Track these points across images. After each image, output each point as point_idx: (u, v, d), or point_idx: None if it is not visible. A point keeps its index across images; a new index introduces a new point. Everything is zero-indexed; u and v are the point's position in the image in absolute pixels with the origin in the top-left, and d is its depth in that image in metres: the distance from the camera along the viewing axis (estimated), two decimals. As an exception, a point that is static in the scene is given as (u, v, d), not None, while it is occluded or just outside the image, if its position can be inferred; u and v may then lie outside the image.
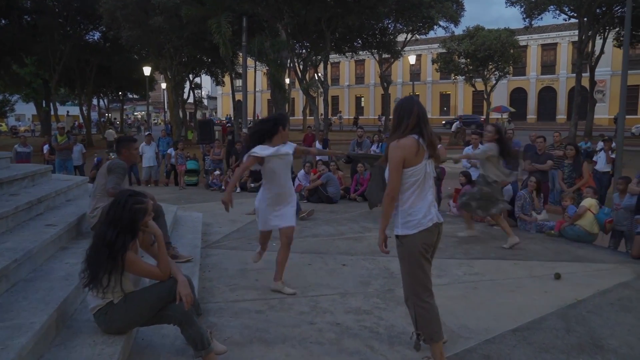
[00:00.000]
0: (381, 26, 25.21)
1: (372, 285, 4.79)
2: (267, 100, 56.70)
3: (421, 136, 2.99)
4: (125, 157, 4.73)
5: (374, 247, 6.27)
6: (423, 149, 2.99)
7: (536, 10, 24.53)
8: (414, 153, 2.96)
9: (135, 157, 4.80)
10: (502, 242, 6.65)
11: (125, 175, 4.62)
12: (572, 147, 8.06)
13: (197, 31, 19.52)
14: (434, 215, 3.08)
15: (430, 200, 3.08)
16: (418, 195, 3.04)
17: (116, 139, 5.11)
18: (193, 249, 5.41)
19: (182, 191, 12.32)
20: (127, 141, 4.81)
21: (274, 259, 5.57)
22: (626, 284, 4.93)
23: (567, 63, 47.37)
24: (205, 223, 7.58)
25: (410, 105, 3.02)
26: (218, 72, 36.17)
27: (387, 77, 36.02)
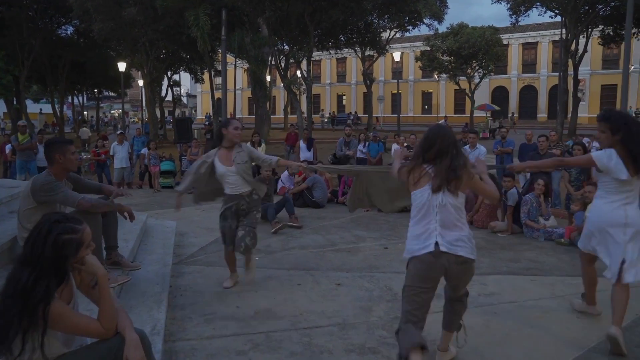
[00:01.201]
0: (366, 21, 24.53)
1: (374, 311, 4.06)
2: (247, 98, 55.74)
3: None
4: (59, 166, 3.55)
5: (371, 260, 5.58)
6: (428, 177, 2.93)
7: (523, 7, 24.16)
8: (413, 178, 3.01)
9: (73, 163, 3.63)
10: (509, 252, 6.02)
11: (62, 186, 3.58)
12: (579, 146, 7.47)
13: (174, 24, 18.55)
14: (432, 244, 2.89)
15: (430, 229, 2.92)
16: (417, 222, 3.01)
17: (46, 142, 3.87)
18: (162, 267, 4.62)
19: (156, 194, 11.45)
20: (60, 144, 3.61)
21: (255, 278, 4.84)
22: (663, 305, 4.30)
23: (547, 62, 47.50)
24: (180, 232, 6.77)
25: (434, 138, 2.94)
26: (197, 69, 35.13)
27: (369, 75, 35.37)
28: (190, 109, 73.55)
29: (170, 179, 12.82)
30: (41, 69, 29.67)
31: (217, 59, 27.75)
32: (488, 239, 6.73)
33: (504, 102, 47.94)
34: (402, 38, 43.80)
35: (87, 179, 4.21)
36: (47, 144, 3.76)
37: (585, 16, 25.68)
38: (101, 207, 3.70)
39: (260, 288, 4.58)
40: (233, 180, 4.41)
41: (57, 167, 3.55)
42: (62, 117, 34.48)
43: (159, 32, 19.75)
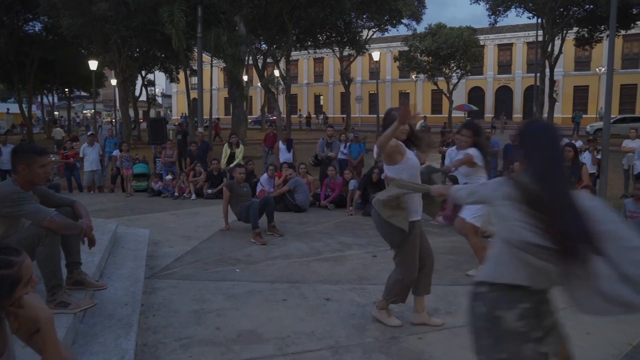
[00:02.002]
0: (345, 20, 24.23)
1: (369, 330, 3.70)
2: (224, 98, 54.95)
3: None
4: (23, 178, 3.09)
5: (360, 270, 5.22)
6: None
7: (501, 8, 24.25)
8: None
9: (40, 177, 3.13)
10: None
11: (30, 198, 3.12)
12: (570, 147, 7.28)
13: (148, 21, 17.85)
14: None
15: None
16: None
17: (13, 149, 3.32)
18: (133, 284, 4.17)
19: (129, 199, 10.88)
20: (28, 154, 3.11)
21: (236, 293, 4.44)
22: (673, 316, 4.06)
23: (522, 63, 48.09)
24: (153, 241, 6.30)
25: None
26: (172, 68, 34.32)
27: (347, 75, 35.15)
28: (166, 109, 72.24)
29: (144, 182, 12.27)
30: (7, 67, 28.48)
31: (193, 57, 27.08)
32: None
33: (480, 103, 48.36)
34: (380, 38, 43.76)
35: (57, 194, 3.70)
36: (14, 151, 3.27)
37: (560, 18, 25.96)
38: (71, 229, 3.24)
39: (242, 305, 4.17)
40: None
41: (21, 178, 3.10)
42: (30, 117, 33.20)
43: (132, 29, 18.99)
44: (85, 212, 3.42)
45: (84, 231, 3.23)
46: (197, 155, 11.74)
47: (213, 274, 5.09)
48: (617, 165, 11.36)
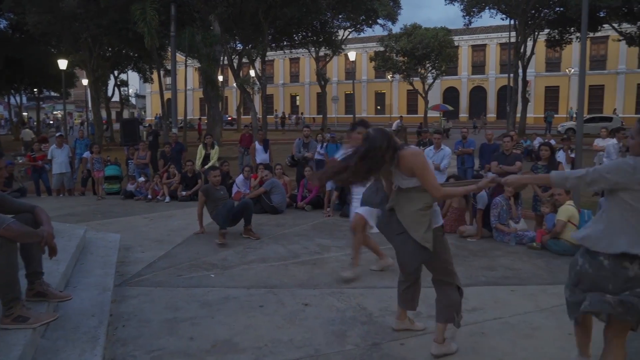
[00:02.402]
0: (321, 20, 24.13)
1: (349, 337, 3.58)
2: (199, 99, 54.28)
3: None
4: None
5: (339, 274, 5.10)
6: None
7: (475, 8, 24.52)
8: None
9: None
10: (483, 259, 5.71)
11: None
12: (546, 147, 7.31)
13: (119, 19, 17.40)
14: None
15: None
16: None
17: None
18: (101, 292, 3.96)
19: (100, 202, 10.55)
20: None
21: (211, 300, 4.28)
22: (651, 314, 4.06)
23: (495, 64, 48.84)
24: (125, 246, 6.06)
25: None
26: (146, 68, 33.72)
27: (323, 75, 35.08)
28: (140, 109, 71.01)
29: (116, 185, 11.93)
30: (-29, 65, 27.47)
31: (167, 57, 26.62)
32: (458, 245, 6.40)
33: (455, 103, 48.93)
34: (356, 38, 43.86)
35: (16, 200, 3.46)
36: None
37: (532, 19, 26.42)
38: (30, 237, 3.02)
39: (217, 312, 4.01)
40: None
41: None
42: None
43: (103, 27, 18.48)
44: (46, 218, 3.21)
45: (44, 239, 3.02)
46: (171, 156, 11.46)
47: (187, 279, 4.90)
48: (589, 164, 11.53)
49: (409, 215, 3.16)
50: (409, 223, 3.16)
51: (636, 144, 2.57)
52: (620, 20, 22.89)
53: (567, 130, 31.32)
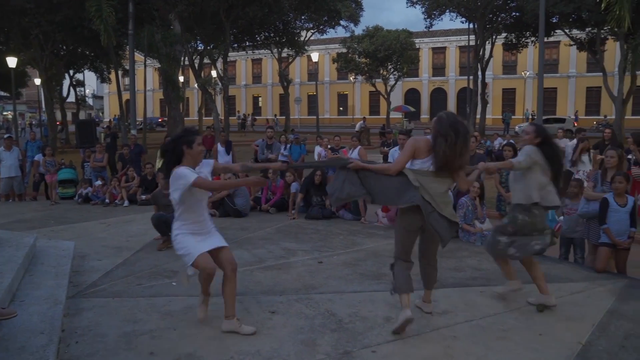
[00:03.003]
0: (284, 20, 23.95)
1: (319, 346, 3.45)
2: (159, 99, 53.02)
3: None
4: None
5: (306, 278, 4.98)
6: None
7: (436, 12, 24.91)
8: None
9: None
10: (450, 260, 5.68)
11: None
12: (509, 147, 7.41)
13: (73, 15, 16.68)
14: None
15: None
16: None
17: None
18: (52, 306, 3.68)
19: (53, 207, 10.05)
20: None
21: (173, 311, 4.06)
22: (616, 312, 4.12)
23: (455, 66, 49.87)
24: (79, 255, 5.73)
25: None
26: (103, 67, 32.59)
27: (285, 76, 34.88)
28: (97, 110, 68.78)
29: (71, 189, 11.40)
30: None
31: (125, 56, 25.82)
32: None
33: (416, 104, 49.65)
34: (318, 40, 43.88)
35: None
36: None
37: (490, 23, 27.09)
38: None
39: (179, 324, 3.79)
40: None
41: None
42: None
43: (55, 24, 17.64)
44: None
45: None
46: (130, 158, 11.06)
47: (147, 289, 4.65)
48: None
49: (438, 195, 3.64)
50: (440, 203, 3.63)
51: (530, 138, 4.14)
52: (570, 26, 23.75)
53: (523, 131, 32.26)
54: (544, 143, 4.14)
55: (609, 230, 5.21)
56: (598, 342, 3.55)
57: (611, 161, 5.76)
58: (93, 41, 18.48)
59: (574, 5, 20.03)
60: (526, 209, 4.09)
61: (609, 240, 5.24)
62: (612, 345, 3.49)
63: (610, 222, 5.22)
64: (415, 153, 3.73)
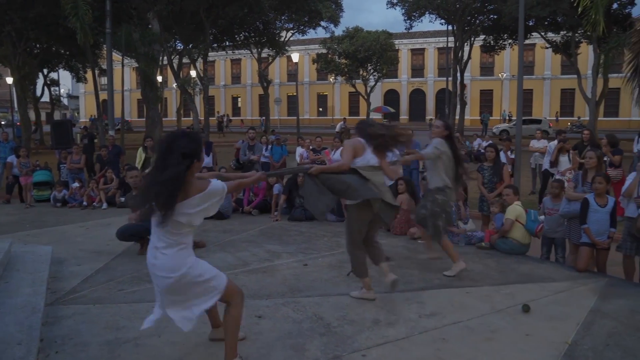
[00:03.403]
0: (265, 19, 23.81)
1: (308, 351, 3.40)
2: (137, 100, 52.26)
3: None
4: None
5: (291, 281, 4.93)
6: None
7: (416, 13, 25.11)
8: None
9: None
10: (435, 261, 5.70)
11: None
12: (491, 148, 7.47)
13: (47, 13, 16.25)
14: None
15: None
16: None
17: None
18: (30, 314, 3.56)
19: (28, 210, 9.77)
20: None
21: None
22: (599, 311, 4.18)
23: (434, 67, 50.37)
24: (58, 260, 5.58)
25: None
26: (79, 67, 31.90)
27: (265, 77, 34.73)
28: (73, 110, 67.38)
29: (47, 191, 11.09)
30: None
31: (102, 55, 25.32)
32: (410, 247, 6.40)
33: (396, 105, 50.04)
34: (298, 40, 43.78)
35: None
36: None
37: (469, 25, 27.45)
38: None
39: (164, 330, 3.69)
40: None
41: None
42: None
43: (29, 21, 17.17)
44: None
45: None
46: (108, 160, 10.82)
47: (129, 294, 4.54)
48: (526, 164, 11.98)
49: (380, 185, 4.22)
50: (383, 191, 4.21)
51: (440, 131, 4.90)
52: (546, 29, 24.24)
53: (502, 131, 32.83)
54: (450, 136, 4.98)
55: (589, 230, 5.29)
56: (583, 341, 3.59)
57: (590, 162, 5.87)
58: (68, 39, 18.05)
59: (550, 9, 20.44)
60: (442, 190, 5.00)
61: (590, 240, 5.32)
62: (597, 344, 3.53)
63: (591, 222, 5.29)
64: (355, 152, 4.19)
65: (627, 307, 4.28)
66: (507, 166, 7.66)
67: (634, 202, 5.40)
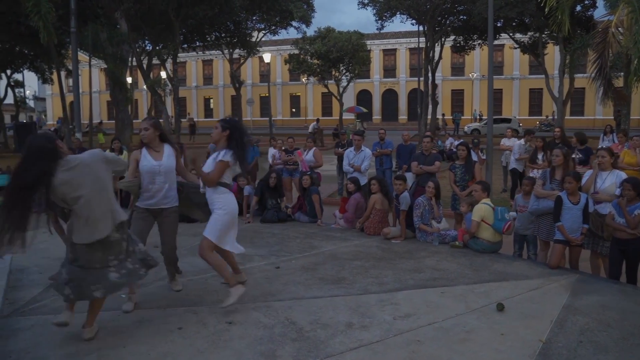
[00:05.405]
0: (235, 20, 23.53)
1: (279, 357, 3.29)
2: (107, 101, 51.05)
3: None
4: None
5: (264, 285, 4.81)
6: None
7: (387, 13, 25.23)
8: None
9: None
10: (409, 261, 5.66)
11: None
12: (463, 146, 7.50)
13: (8, 11, 15.65)
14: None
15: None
16: None
17: None
18: (-16, 327, 3.34)
19: (-12, 216, 9.33)
20: None
21: (122, 326, 3.80)
22: (571, 307, 4.20)
23: (406, 68, 50.79)
24: (18, 268, 5.32)
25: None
26: (44, 67, 30.91)
27: (237, 78, 34.37)
28: (40, 113, 65.39)
29: (8, 196, 10.67)
30: None
31: (68, 56, 24.59)
32: (383, 247, 6.35)
33: (368, 105, 50.25)
34: (270, 41, 43.56)
35: None
36: None
37: (439, 26, 27.75)
38: None
39: (129, 340, 3.54)
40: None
41: None
42: None
43: (-12, 20, 16.57)
44: None
45: None
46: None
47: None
48: (497, 162, 12.13)
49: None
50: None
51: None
52: (514, 30, 24.73)
53: (473, 130, 33.33)
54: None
55: (563, 228, 5.33)
56: (557, 339, 3.59)
57: (556, 160, 5.94)
58: (32, 39, 17.43)
59: (518, 10, 20.82)
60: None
61: (563, 238, 5.35)
62: (571, 342, 3.53)
63: (564, 220, 5.33)
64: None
65: (598, 302, 4.31)
66: (478, 164, 7.70)
67: (591, 199, 5.51)
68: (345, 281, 4.93)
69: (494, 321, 3.89)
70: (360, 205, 7.50)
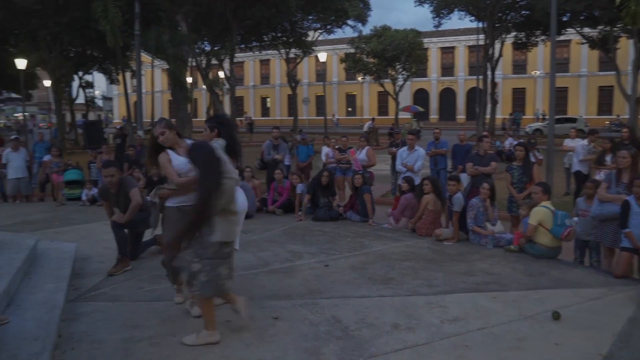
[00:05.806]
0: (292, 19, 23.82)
1: (324, 354, 3.30)
2: (168, 101, 53.16)
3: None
4: None
5: (312, 282, 4.83)
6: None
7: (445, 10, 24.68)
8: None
9: None
10: (461, 263, 5.51)
11: None
12: (521, 147, 7.21)
13: (80, 17, 16.64)
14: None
15: None
16: None
17: None
18: (49, 311, 3.57)
19: (59, 208, 9.98)
20: None
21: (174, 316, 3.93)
22: (637, 320, 3.92)
23: (464, 66, 49.44)
24: (81, 257, 5.63)
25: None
26: (112, 69, 32.65)
27: (294, 77, 34.78)
28: (107, 112, 69.08)
29: (78, 190, 11.31)
30: None
31: (132, 57, 25.83)
32: (435, 249, 6.22)
33: (425, 104, 49.38)
34: (326, 40, 43.69)
35: None
36: None
37: (500, 22, 26.80)
38: None
39: (179, 330, 3.66)
40: None
41: None
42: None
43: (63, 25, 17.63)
44: None
45: None
46: (136, 159, 10.97)
47: (148, 293, 4.54)
48: (559, 163, 11.57)
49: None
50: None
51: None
52: (582, 24, 23.43)
53: (535, 130, 31.96)
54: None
55: (631, 234, 4.98)
56: (620, 353, 3.36)
57: (623, 162, 5.56)
58: (100, 42, 18.44)
59: (586, 3, 19.73)
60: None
61: (631, 245, 5.01)
62: (636, 358, 3.30)
63: (633, 226, 4.98)
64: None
65: (668, 316, 4.01)
66: (536, 165, 7.37)
67: None
68: (393, 282, 4.87)
69: (549, 330, 3.71)
70: (412, 205, 7.38)
